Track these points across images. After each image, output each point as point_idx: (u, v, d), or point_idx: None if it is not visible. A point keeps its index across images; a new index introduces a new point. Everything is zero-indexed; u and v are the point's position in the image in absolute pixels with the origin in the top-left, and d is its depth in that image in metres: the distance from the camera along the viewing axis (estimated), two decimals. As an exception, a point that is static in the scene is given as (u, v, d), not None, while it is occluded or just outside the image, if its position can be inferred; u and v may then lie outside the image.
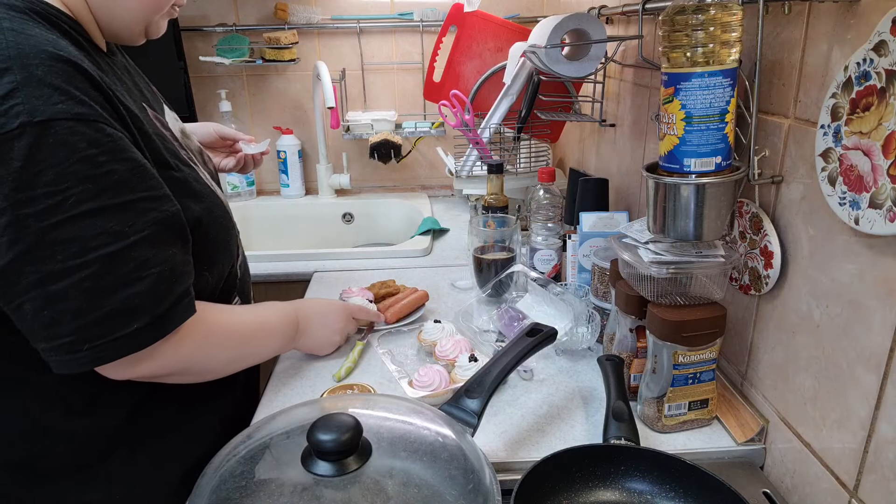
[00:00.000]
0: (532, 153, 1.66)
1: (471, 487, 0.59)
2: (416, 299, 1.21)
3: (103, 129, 0.66)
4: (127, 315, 0.67)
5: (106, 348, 0.67)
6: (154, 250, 0.69)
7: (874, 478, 0.64)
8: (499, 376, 0.74)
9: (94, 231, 0.65)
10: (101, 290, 0.65)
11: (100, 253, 0.65)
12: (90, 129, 0.64)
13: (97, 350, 0.67)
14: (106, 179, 0.65)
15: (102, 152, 0.65)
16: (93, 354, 0.67)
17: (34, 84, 0.62)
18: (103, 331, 0.66)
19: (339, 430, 0.58)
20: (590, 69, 1.23)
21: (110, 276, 0.66)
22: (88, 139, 0.64)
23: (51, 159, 0.62)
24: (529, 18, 1.93)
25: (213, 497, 0.58)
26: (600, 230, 1.11)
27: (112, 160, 0.66)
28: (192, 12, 1.90)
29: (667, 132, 0.77)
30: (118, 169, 0.66)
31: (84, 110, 0.64)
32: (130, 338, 0.68)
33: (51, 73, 0.63)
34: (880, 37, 0.58)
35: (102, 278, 0.65)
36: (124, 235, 0.66)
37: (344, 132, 1.97)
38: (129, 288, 0.67)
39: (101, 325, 0.66)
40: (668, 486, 0.73)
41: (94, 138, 0.65)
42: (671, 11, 0.73)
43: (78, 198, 0.63)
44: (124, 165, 0.67)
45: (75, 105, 0.64)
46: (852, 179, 0.63)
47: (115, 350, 0.68)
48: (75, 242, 0.64)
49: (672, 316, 0.80)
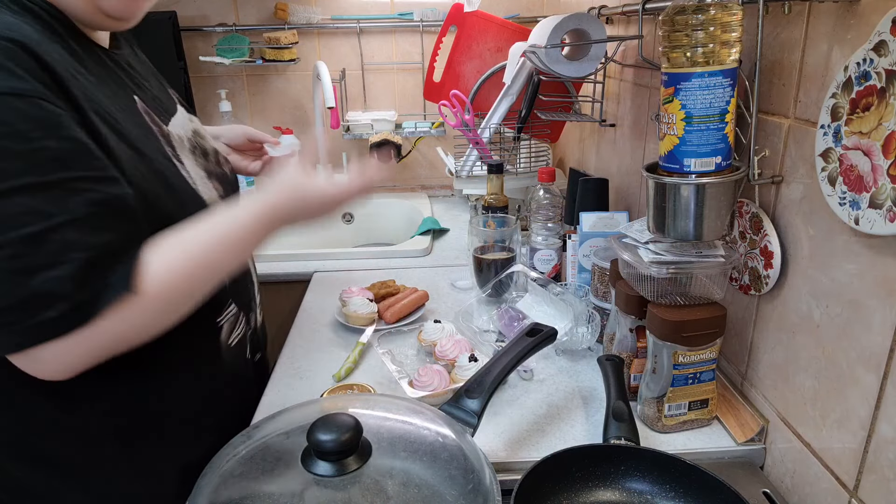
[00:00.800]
0: (532, 153, 1.66)
1: (471, 487, 0.59)
2: (416, 299, 1.21)
3: (41, 105, 0.62)
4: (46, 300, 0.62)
5: (23, 334, 0.63)
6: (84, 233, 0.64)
7: (874, 478, 0.64)
8: (499, 376, 0.74)
9: (17, 209, 0.61)
10: (20, 271, 0.61)
11: (21, 232, 0.61)
12: (25, 104, 0.61)
13: (14, 335, 0.63)
14: (36, 156, 0.62)
15: (36, 128, 0.62)
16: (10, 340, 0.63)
17: None
18: (20, 316, 0.62)
19: (339, 430, 0.58)
20: (590, 69, 1.23)
21: (30, 257, 0.61)
22: (22, 114, 0.61)
23: None
24: (529, 18, 1.93)
25: (213, 497, 0.58)
26: (600, 230, 1.11)
27: (47, 136, 0.62)
28: (192, 12, 1.90)
29: (667, 132, 0.77)
30: (52, 146, 0.63)
31: (22, 85, 0.62)
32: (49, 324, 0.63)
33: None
34: (880, 37, 0.58)
35: (21, 259, 0.61)
36: (50, 216, 0.62)
37: (344, 132, 1.97)
38: (49, 271, 0.62)
39: (17, 310, 0.62)
40: (668, 486, 0.73)
41: (29, 113, 0.61)
42: (671, 11, 0.73)
43: (3, 174, 0.60)
44: (61, 143, 0.63)
45: (13, 80, 0.61)
46: (852, 179, 0.63)
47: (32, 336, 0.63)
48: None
49: (672, 316, 0.80)
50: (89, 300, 0.64)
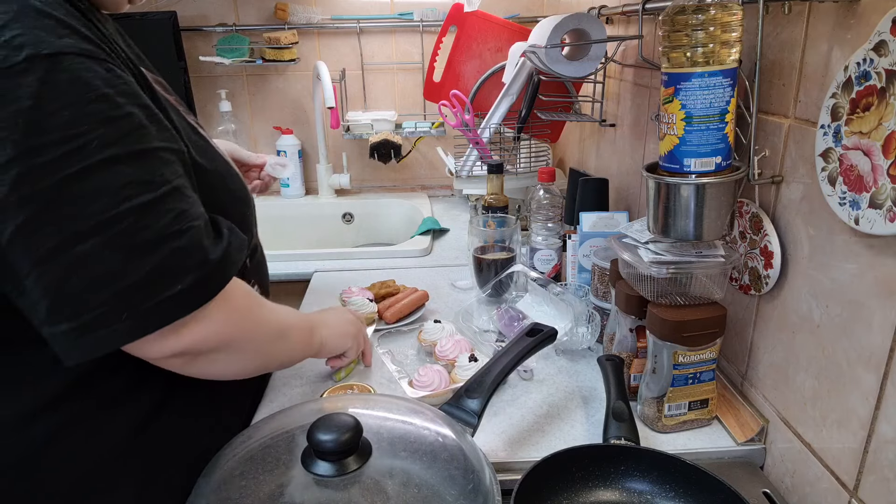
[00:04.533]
0: (532, 153, 1.66)
1: (471, 487, 0.59)
2: (416, 299, 1.21)
3: (114, 70, 0.58)
4: (171, 274, 0.58)
5: (151, 314, 0.58)
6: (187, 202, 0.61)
7: (874, 478, 0.64)
8: (499, 376, 0.74)
9: (122, 180, 0.56)
10: (138, 246, 0.57)
11: (132, 203, 0.56)
12: (101, 67, 0.57)
13: (140, 317, 0.57)
14: (127, 123, 0.58)
15: (119, 93, 0.57)
16: (135, 324, 0.57)
17: (32, 14, 0.55)
18: (145, 294, 0.57)
19: (339, 430, 0.58)
20: (590, 69, 1.23)
21: (147, 230, 0.57)
22: (102, 77, 0.56)
23: (65, 98, 0.54)
24: (529, 18, 1.93)
25: (213, 497, 0.58)
26: (600, 230, 1.11)
27: (129, 103, 0.58)
28: (192, 12, 1.90)
29: (667, 132, 0.77)
30: (136, 113, 0.59)
31: (91, 47, 0.57)
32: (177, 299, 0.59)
33: (48, 4, 0.56)
34: (880, 37, 0.58)
35: (139, 234, 0.56)
36: (155, 185, 0.58)
37: (344, 132, 1.97)
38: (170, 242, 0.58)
39: (142, 288, 0.57)
40: (668, 486, 0.73)
41: (108, 77, 0.57)
42: (671, 11, 0.73)
43: (100, 142, 0.55)
44: (141, 111, 0.60)
45: (81, 41, 0.56)
46: (852, 179, 0.63)
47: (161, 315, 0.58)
48: (102, 194, 0.55)
49: (672, 316, 0.80)
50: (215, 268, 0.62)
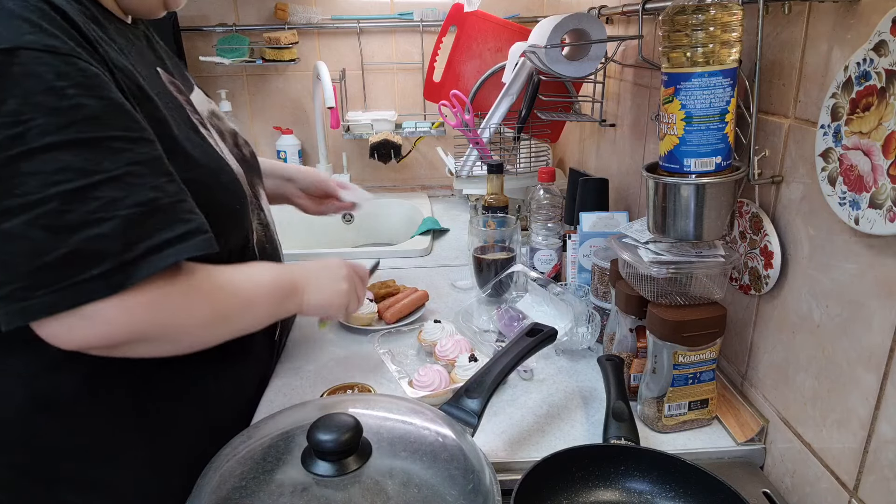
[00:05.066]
0: (532, 153, 1.66)
1: (471, 487, 0.59)
2: (416, 299, 1.21)
3: (76, 63, 0.62)
4: (88, 258, 0.61)
5: (62, 294, 0.61)
6: (125, 192, 0.63)
7: (874, 478, 0.64)
8: (499, 376, 0.74)
9: (56, 165, 0.60)
10: (60, 228, 0.60)
11: (61, 189, 0.60)
12: (61, 61, 0.61)
13: (53, 295, 0.60)
14: (74, 113, 0.61)
15: (73, 85, 0.62)
16: (47, 300, 0.61)
17: (4, 15, 0.60)
18: (60, 274, 0.60)
19: (339, 430, 0.58)
20: (590, 69, 1.23)
21: (71, 214, 0.60)
22: (58, 71, 0.61)
23: (14, 89, 0.59)
24: (529, 18, 1.93)
25: (213, 497, 0.58)
26: (600, 230, 1.11)
27: (83, 94, 0.62)
28: (192, 12, 1.90)
29: (667, 132, 0.77)
30: (89, 104, 0.62)
31: (56, 43, 0.62)
32: (90, 284, 0.61)
33: (24, 8, 0.61)
34: (880, 37, 0.58)
35: (62, 216, 0.60)
36: (89, 173, 0.61)
37: (344, 132, 1.97)
38: (91, 229, 0.61)
39: (57, 268, 0.60)
40: (668, 486, 0.73)
41: (65, 71, 0.61)
42: (671, 11, 0.73)
43: (41, 130, 0.60)
44: (97, 102, 0.63)
45: (47, 37, 0.61)
46: (852, 179, 0.63)
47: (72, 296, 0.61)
48: (35, 177, 0.59)
49: (672, 316, 0.80)
50: (133, 259, 0.63)
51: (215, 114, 0.93)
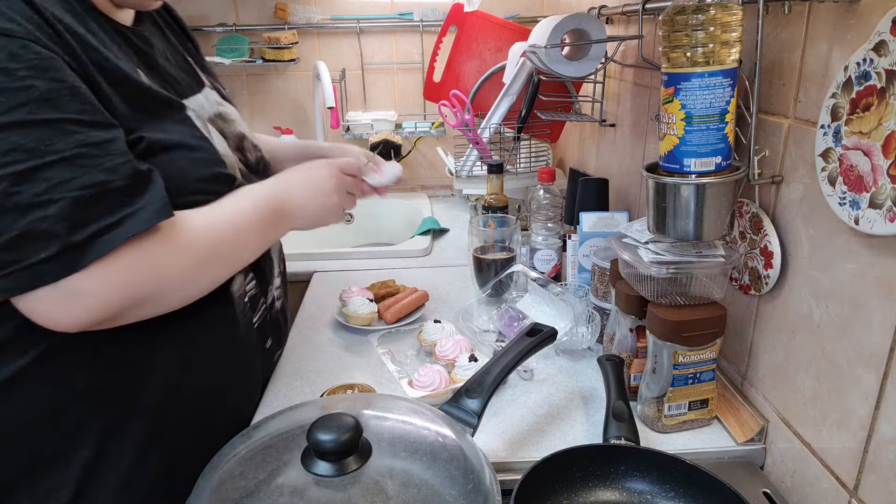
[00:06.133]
0: (532, 153, 1.66)
1: (471, 487, 0.59)
2: (416, 299, 1.21)
3: (30, 47, 0.63)
4: (35, 240, 0.61)
5: (13, 278, 0.61)
6: (75, 173, 0.63)
7: (874, 478, 0.64)
8: (499, 376, 0.74)
9: (5, 147, 0.60)
10: (8, 210, 0.60)
11: (10, 170, 0.60)
12: (14, 44, 0.62)
13: (9, 279, 0.61)
14: (23, 94, 0.62)
15: (25, 67, 0.62)
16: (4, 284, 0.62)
17: None
18: (13, 256, 0.61)
19: (339, 430, 0.57)
20: (590, 69, 1.23)
21: (20, 195, 0.60)
22: (9, 53, 0.61)
23: None
24: (529, 18, 1.93)
25: (213, 497, 0.58)
26: (600, 230, 1.11)
27: (35, 76, 0.62)
28: (192, 12, 1.90)
29: (667, 132, 0.77)
30: (40, 86, 0.62)
31: (12, 27, 0.62)
32: (41, 266, 0.61)
33: None
34: (880, 37, 0.58)
35: (10, 198, 0.60)
36: (40, 154, 0.61)
37: (344, 132, 1.97)
38: (39, 210, 0.61)
39: (10, 250, 0.61)
40: (668, 486, 0.73)
41: (17, 53, 0.62)
42: (671, 11, 0.73)
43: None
44: (50, 84, 0.63)
45: (4, 21, 0.62)
46: (852, 179, 0.63)
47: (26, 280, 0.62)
48: None
49: (672, 316, 0.80)
50: (83, 241, 0.63)
51: (222, 116, 0.93)
